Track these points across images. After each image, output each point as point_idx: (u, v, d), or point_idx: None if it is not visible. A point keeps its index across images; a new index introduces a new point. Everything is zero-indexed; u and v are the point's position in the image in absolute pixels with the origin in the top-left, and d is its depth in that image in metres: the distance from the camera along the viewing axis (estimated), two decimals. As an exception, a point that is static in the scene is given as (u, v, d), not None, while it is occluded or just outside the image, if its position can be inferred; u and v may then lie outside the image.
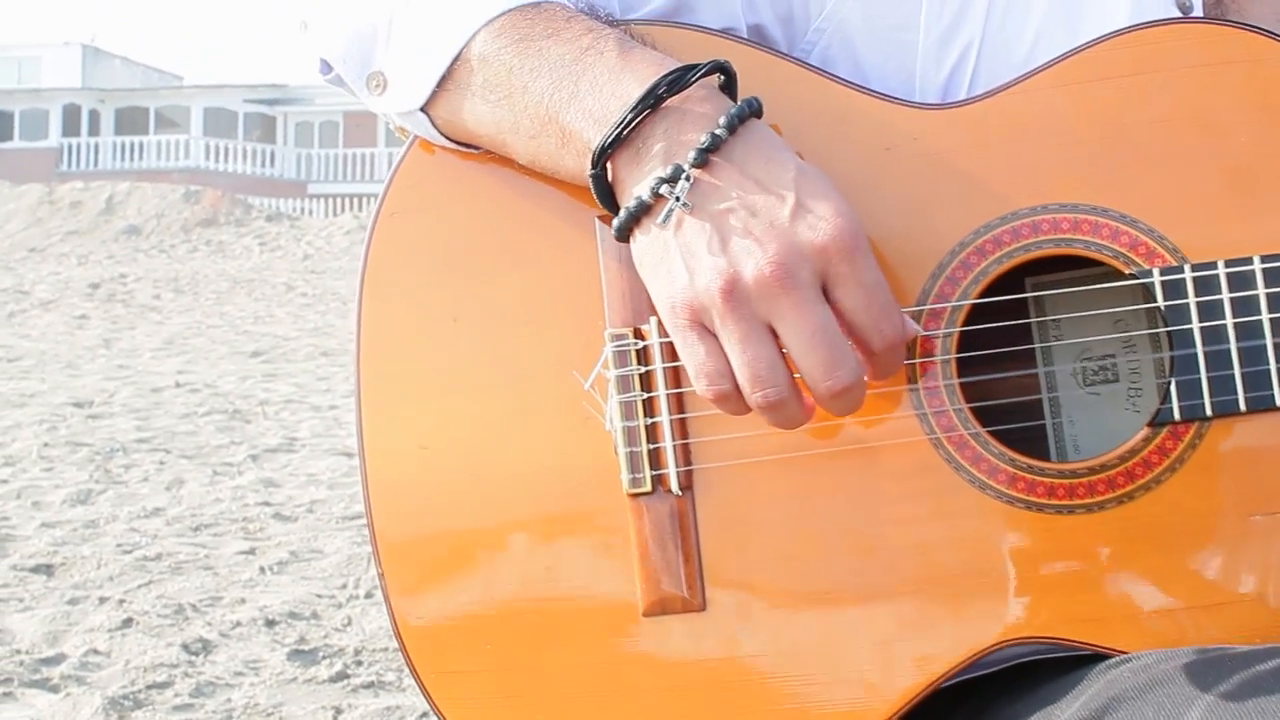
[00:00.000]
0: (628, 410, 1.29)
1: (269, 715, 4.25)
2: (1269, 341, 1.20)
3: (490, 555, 1.34)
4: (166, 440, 8.98)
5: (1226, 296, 1.21)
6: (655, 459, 1.29)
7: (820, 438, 1.28)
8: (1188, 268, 1.22)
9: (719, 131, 1.17)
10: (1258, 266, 1.21)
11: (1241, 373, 1.21)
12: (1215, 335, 1.21)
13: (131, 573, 5.77)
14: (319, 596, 5.43)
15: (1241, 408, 1.21)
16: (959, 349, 1.27)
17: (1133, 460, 1.23)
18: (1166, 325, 1.22)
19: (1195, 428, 1.22)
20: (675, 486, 1.29)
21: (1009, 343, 1.34)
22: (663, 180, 1.17)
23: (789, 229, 1.15)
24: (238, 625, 5.08)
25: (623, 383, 1.29)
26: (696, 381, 1.19)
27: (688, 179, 1.17)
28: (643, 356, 1.30)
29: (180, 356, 13.64)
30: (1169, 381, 1.22)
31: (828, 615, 1.27)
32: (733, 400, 1.18)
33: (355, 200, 44.79)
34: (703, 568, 1.29)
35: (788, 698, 1.27)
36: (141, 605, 5.29)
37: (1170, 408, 1.22)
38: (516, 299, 1.35)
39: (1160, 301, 1.22)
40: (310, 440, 9.11)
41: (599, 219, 1.31)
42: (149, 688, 4.42)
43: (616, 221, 1.21)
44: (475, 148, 1.37)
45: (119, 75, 57.19)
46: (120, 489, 7.48)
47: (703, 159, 1.17)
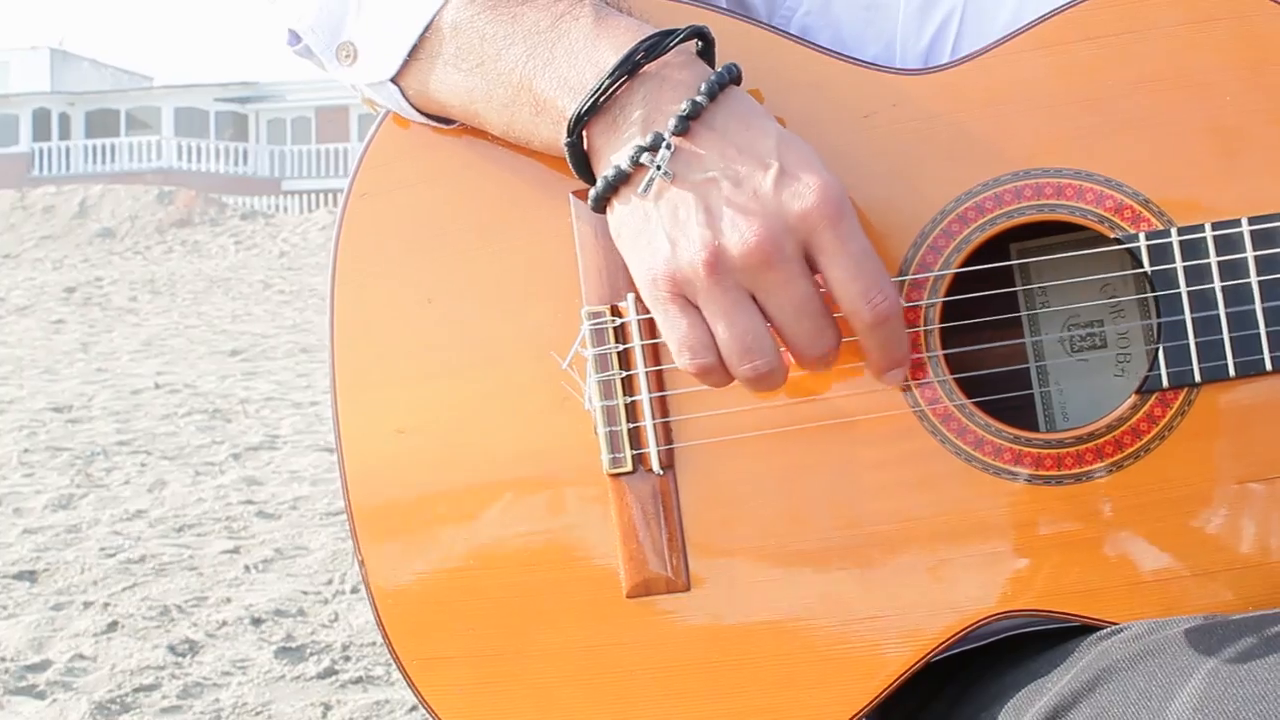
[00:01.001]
0: (606, 389, 1.27)
1: (258, 714, 4.23)
2: (1258, 305, 1.18)
3: (470, 540, 1.31)
4: (147, 442, 8.94)
5: (1214, 260, 1.19)
6: (635, 438, 1.27)
7: (804, 413, 1.25)
8: (1174, 231, 1.20)
9: (699, 99, 1.14)
10: (1245, 229, 1.18)
11: (1230, 337, 1.18)
12: (1203, 300, 1.19)
13: (115, 576, 5.73)
14: (305, 593, 5.40)
15: (1231, 373, 1.19)
16: (943, 319, 1.24)
17: (1121, 428, 1.20)
18: (1153, 290, 1.20)
19: (1184, 394, 1.20)
20: (656, 465, 1.26)
21: (995, 311, 1.32)
22: (643, 149, 1.14)
23: (773, 198, 1.12)
24: (224, 625, 5.05)
25: (601, 361, 1.27)
26: (679, 355, 1.16)
27: (669, 147, 1.14)
28: (620, 334, 1.28)
29: (159, 358, 13.59)
30: (1157, 348, 1.20)
31: (814, 592, 1.25)
32: (716, 373, 1.16)
33: (330, 196, 44.68)
34: (686, 547, 1.27)
35: (776, 675, 1.25)
36: (126, 608, 5.26)
37: (1159, 374, 1.20)
38: (491, 279, 1.32)
39: (1146, 266, 1.20)
40: (292, 437, 9.08)
41: (574, 194, 1.29)
42: (136, 691, 4.40)
43: (594, 191, 1.18)
44: (448, 121, 1.34)
45: (88, 78, 56.92)
46: (102, 492, 7.45)
47: (684, 126, 1.14)
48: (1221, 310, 1.19)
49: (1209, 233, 1.19)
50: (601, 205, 1.19)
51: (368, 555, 1.33)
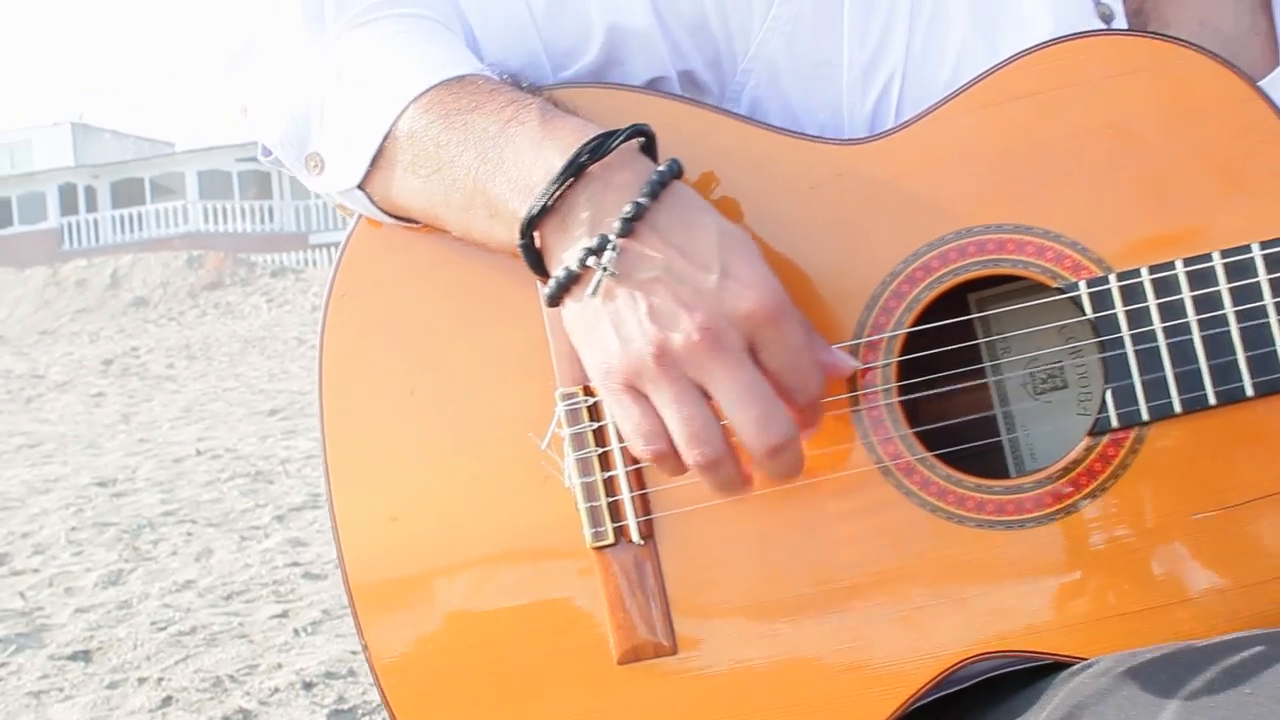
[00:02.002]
0: (584, 466, 1.33)
1: (313, 779, 4.28)
2: (1198, 343, 1.23)
3: (466, 618, 1.37)
4: (192, 510, 9.01)
5: (1153, 302, 1.24)
6: (615, 511, 1.33)
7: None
8: (1113, 277, 1.25)
9: (642, 199, 1.20)
10: (1180, 270, 1.23)
11: (1174, 374, 1.23)
12: (1145, 341, 1.24)
13: (168, 650, 5.79)
14: (354, 653, 5.44)
15: (1177, 409, 1.23)
16: (901, 376, 1.29)
17: (1076, 470, 1.25)
18: (1098, 335, 1.25)
19: (1135, 433, 1.25)
20: (636, 536, 1.32)
21: (960, 361, 1.37)
22: (590, 251, 1.20)
23: (715, 296, 1.18)
24: (276, 691, 5.11)
25: (577, 440, 1.33)
26: (633, 443, 1.22)
27: (614, 248, 1.20)
28: (594, 412, 1.33)
29: (199, 423, 13.67)
30: (1104, 390, 1.25)
31: (795, 648, 1.30)
32: (670, 459, 1.21)
33: (359, 246, 44.69)
34: (670, 612, 1.32)
35: None
36: (180, 682, 5.32)
37: (1108, 415, 1.25)
38: (469, 367, 1.38)
39: (1089, 313, 1.25)
40: (333, 494, 9.11)
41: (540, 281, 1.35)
42: (193, 764, 4.46)
43: (546, 290, 1.24)
44: (416, 221, 1.40)
45: (110, 149, 57.42)
46: (150, 565, 7.51)
47: (628, 228, 1.20)
48: (1164, 349, 1.24)
49: (1146, 277, 1.24)
50: (555, 302, 1.25)
51: (370, 638, 1.39)
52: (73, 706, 5.13)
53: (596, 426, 1.33)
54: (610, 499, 1.33)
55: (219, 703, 5.05)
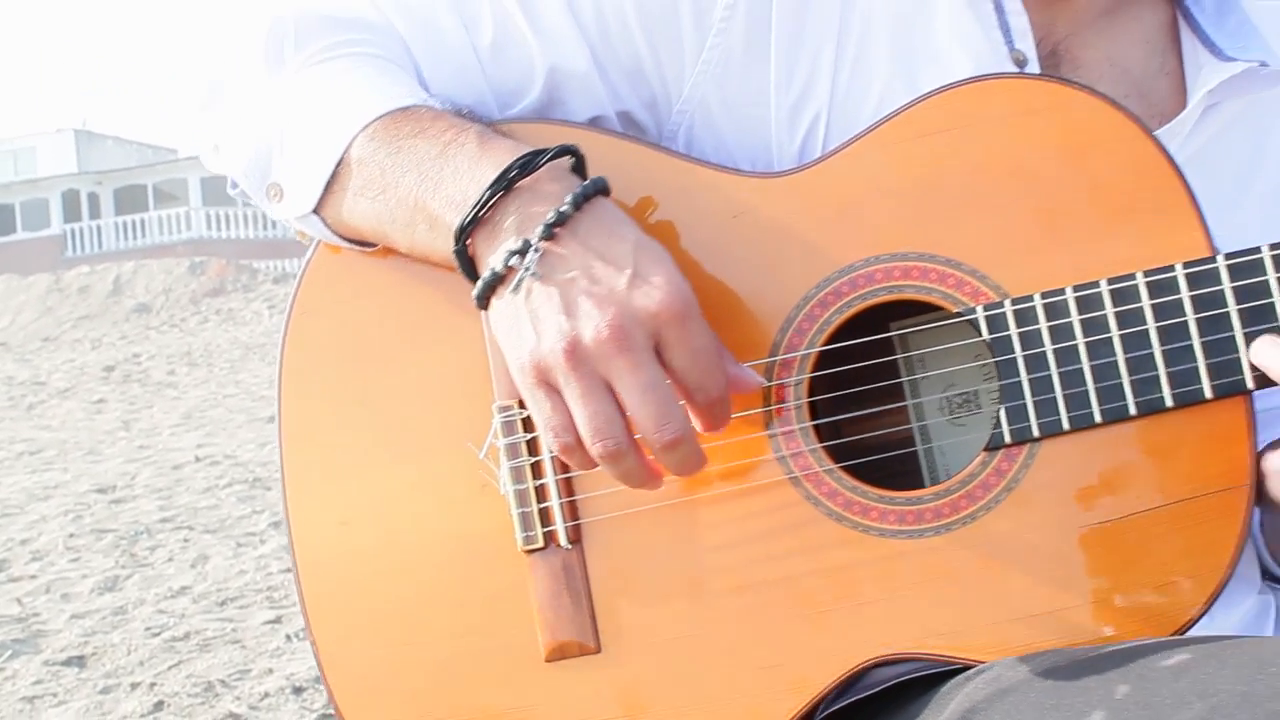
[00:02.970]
0: (517, 474, 1.43)
1: (300, 783, 4.37)
2: (1085, 365, 1.32)
3: (407, 618, 1.47)
4: (189, 517, 9.08)
5: (1044, 326, 1.33)
6: (545, 517, 1.42)
7: (693, 485, 1.40)
8: (1008, 303, 1.34)
9: (564, 208, 1.30)
10: (1070, 296, 1.32)
11: (1063, 395, 1.32)
12: (1037, 362, 1.33)
13: (161, 655, 5.87)
14: (343, 658, 5.52)
15: (1065, 427, 1.32)
16: (816, 392, 1.39)
17: (972, 484, 1.34)
18: (994, 356, 1.34)
19: (1027, 449, 1.34)
20: (564, 540, 1.42)
21: (875, 381, 1.46)
22: (513, 252, 1.30)
23: (625, 296, 1.27)
24: (266, 696, 5.19)
25: (512, 449, 1.43)
26: (544, 435, 1.31)
27: (536, 250, 1.30)
28: (528, 424, 1.43)
29: (199, 430, 13.75)
30: (999, 408, 1.34)
31: (709, 647, 1.39)
32: (577, 452, 1.30)
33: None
34: (595, 613, 1.41)
35: None
36: (172, 687, 5.39)
37: (1001, 432, 1.34)
38: (417, 381, 1.48)
39: (985, 335, 1.34)
40: (328, 501, 9.18)
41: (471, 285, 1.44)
42: (182, 768, 4.55)
43: (475, 290, 1.34)
44: (370, 244, 1.50)
45: (113, 155, 57.57)
46: (146, 571, 7.58)
47: (549, 233, 1.30)
48: (1054, 371, 1.33)
49: (1039, 302, 1.33)
50: (483, 303, 1.34)
51: (318, 636, 1.48)
52: (66, 711, 5.20)
53: (530, 437, 1.43)
54: (541, 505, 1.42)
55: (210, 707, 5.13)
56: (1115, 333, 1.31)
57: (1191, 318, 1.30)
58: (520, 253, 1.30)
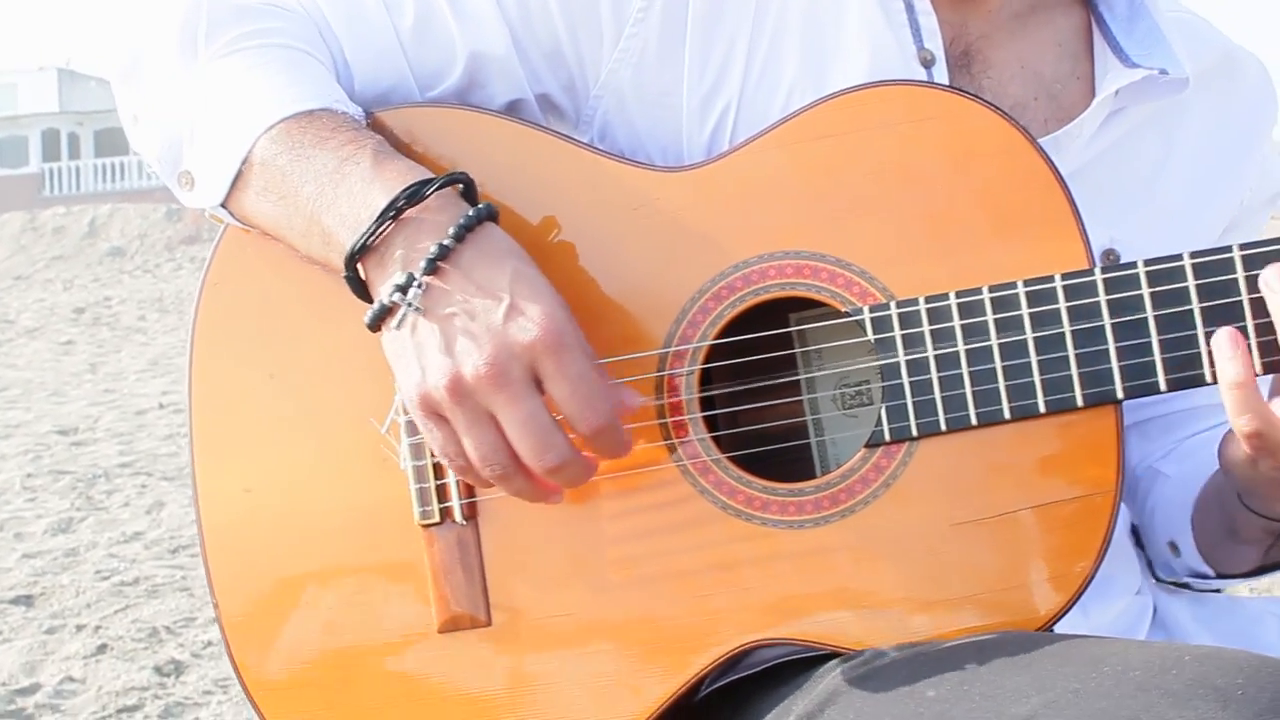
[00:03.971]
0: (417, 451, 1.46)
1: (236, 731, 4.42)
2: (964, 368, 1.36)
3: (306, 584, 1.51)
4: (149, 463, 9.11)
5: (927, 329, 1.37)
6: (442, 493, 1.46)
7: None
8: (893, 305, 1.38)
9: (447, 241, 1.33)
10: (953, 301, 1.37)
11: (941, 397, 1.37)
12: (918, 364, 1.37)
13: (109, 599, 5.92)
14: (289, 611, 5.56)
15: (943, 427, 1.37)
16: (719, 385, 1.43)
17: (852, 478, 1.39)
18: (878, 356, 1.38)
19: (905, 447, 1.38)
20: (459, 516, 1.46)
21: (778, 374, 1.50)
22: (398, 288, 1.34)
23: (502, 331, 1.31)
24: (209, 645, 5.24)
25: (412, 426, 1.46)
26: (441, 459, 1.37)
27: (419, 286, 1.33)
28: None
29: (165, 377, 13.76)
30: (880, 406, 1.38)
31: (595, 625, 1.43)
32: (472, 474, 1.36)
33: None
34: (487, 588, 1.46)
35: (565, 702, 1.44)
36: (117, 631, 5.44)
37: (882, 430, 1.38)
38: (323, 356, 1.52)
39: (869, 335, 1.38)
40: (288, 454, 9.20)
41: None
42: (120, 712, 4.58)
43: (365, 318, 1.37)
44: None
45: (96, 97, 57.23)
46: (101, 515, 7.62)
47: (432, 267, 1.33)
48: (934, 373, 1.37)
49: (922, 305, 1.37)
50: (374, 329, 1.38)
51: (220, 597, 1.52)
52: (9, 649, 5.25)
53: None
54: (439, 482, 1.46)
55: (153, 652, 5.18)
56: (994, 339, 1.36)
57: (1068, 328, 1.34)
58: (404, 288, 1.33)
